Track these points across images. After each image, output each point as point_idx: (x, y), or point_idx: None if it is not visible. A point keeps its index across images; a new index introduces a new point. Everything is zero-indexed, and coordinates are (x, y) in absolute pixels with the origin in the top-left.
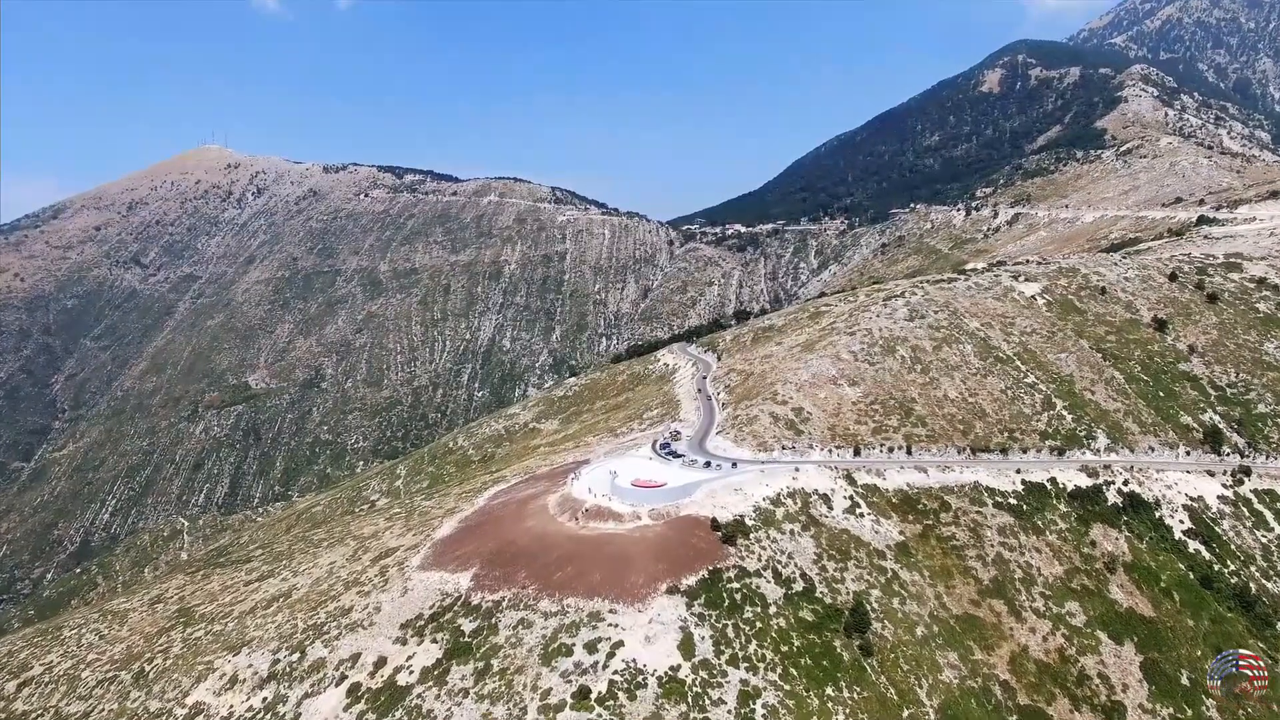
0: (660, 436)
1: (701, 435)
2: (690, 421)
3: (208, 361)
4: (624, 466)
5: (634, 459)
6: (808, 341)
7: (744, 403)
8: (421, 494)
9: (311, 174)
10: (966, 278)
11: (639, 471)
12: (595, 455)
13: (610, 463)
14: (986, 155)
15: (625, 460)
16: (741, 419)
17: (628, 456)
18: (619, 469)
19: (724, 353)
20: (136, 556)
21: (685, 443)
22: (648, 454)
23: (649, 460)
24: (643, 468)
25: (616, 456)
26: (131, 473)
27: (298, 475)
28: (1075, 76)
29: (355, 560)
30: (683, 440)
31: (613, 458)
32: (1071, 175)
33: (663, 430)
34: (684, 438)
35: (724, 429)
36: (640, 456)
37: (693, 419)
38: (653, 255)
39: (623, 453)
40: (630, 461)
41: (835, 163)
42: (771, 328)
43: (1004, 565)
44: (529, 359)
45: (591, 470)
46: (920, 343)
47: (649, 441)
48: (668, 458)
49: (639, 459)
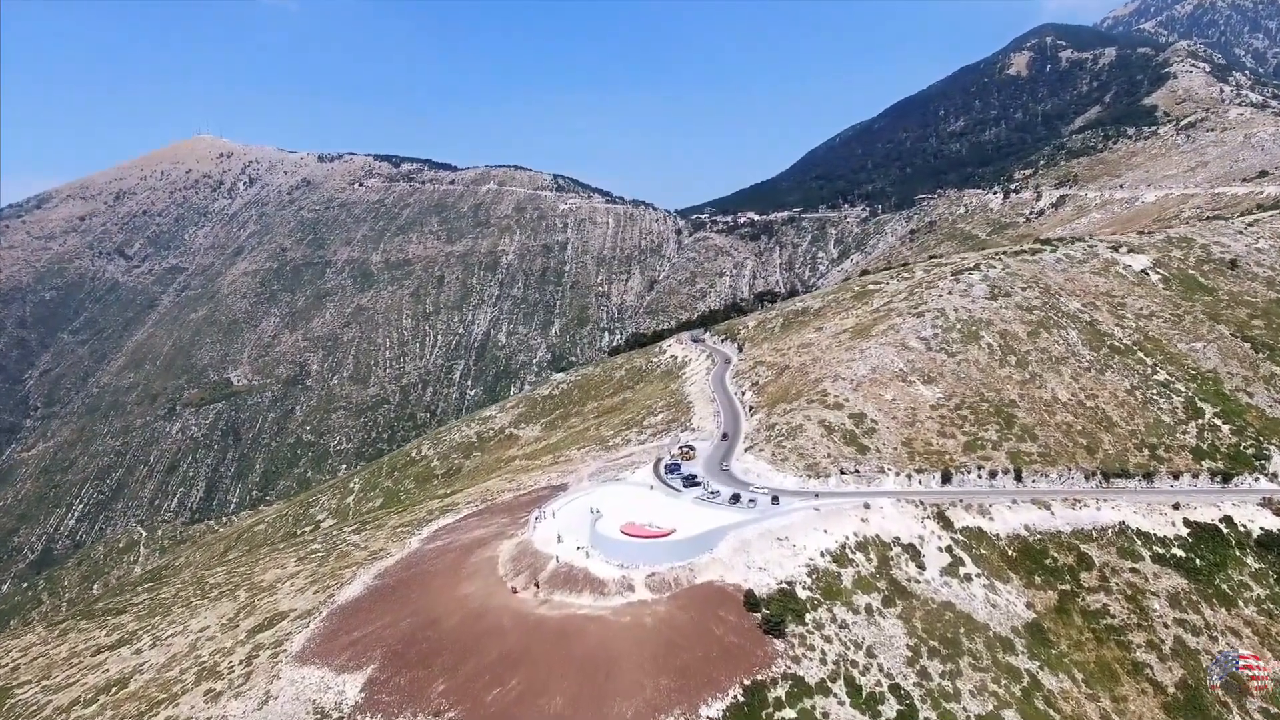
0: (667, 453)
1: (724, 452)
2: (706, 432)
3: (188, 357)
4: (612, 500)
5: (628, 488)
6: (859, 326)
7: (781, 406)
8: (356, 524)
9: (306, 163)
10: (1053, 248)
11: (634, 509)
12: (577, 478)
13: (594, 493)
14: (1018, 139)
15: (615, 490)
16: (781, 429)
17: (619, 483)
18: (605, 504)
19: (747, 341)
20: (88, 571)
21: (701, 462)
22: (648, 478)
23: (649, 490)
24: (640, 503)
25: (603, 483)
26: (102, 475)
27: (277, 479)
28: (1111, 57)
29: (231, 628)
30: (697, 459)
31: (598, 483)
32: (1124, 153)
33: (669, 444)
34: (698, 455)
35: (756, 443)
36: (637, 483)
37: (709, 427)
38: (659, 245)
39: (613, 475)
40: (622, 492)
41: (852, 151)
42: (806, 310)
43: (1192, 658)
44: (526, 355)
45: (566, 505)
46: (1010, 327)
47: (650, 460)
48: (677, 487)
49: (635, 488)
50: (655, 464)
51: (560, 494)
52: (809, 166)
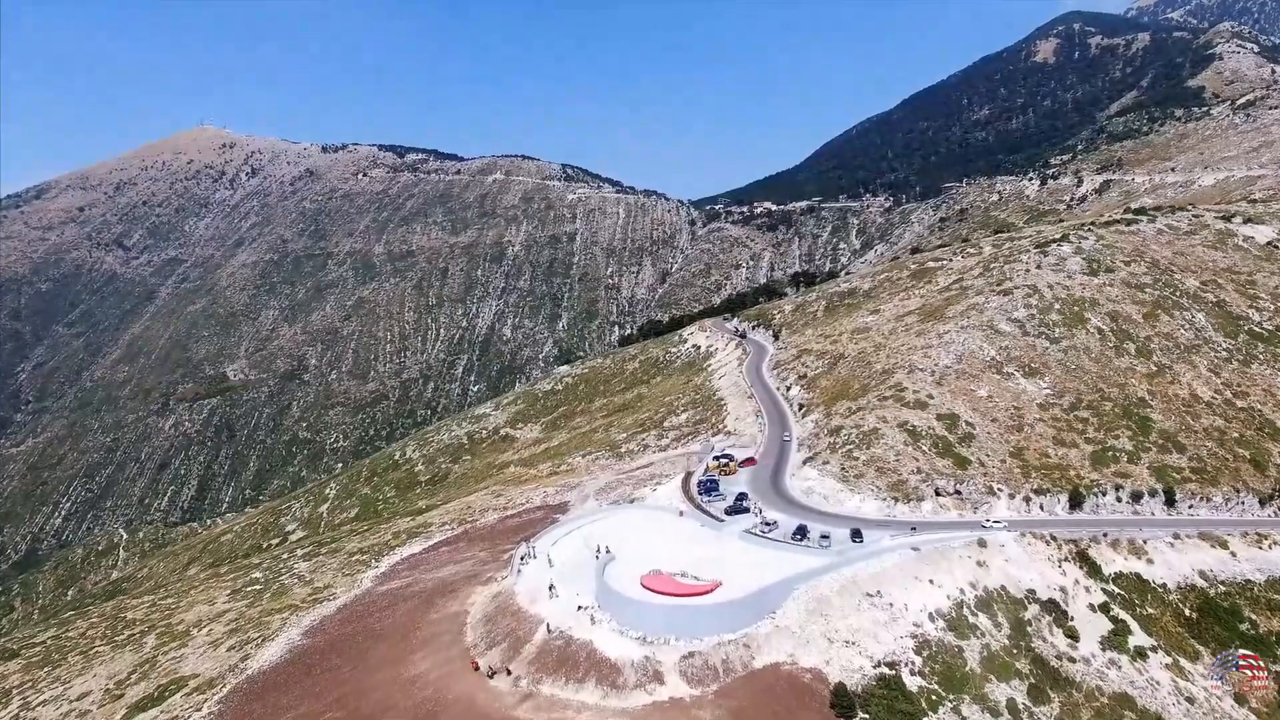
0: (698, 465)
1: (774, 464)
2: (747, 437)
3: (184, 350)
4: (628, 532)
5: (648, 514)
6: (928, 307)
7: (843, 405)
8: (313, 545)
9: (309, 154)
10: (1150, 218)
11: (658, 547)
12: (580, 495)
13: (602, 522)
14: (1048, 126)
15: (631, 517)
16: (849, 435)
17: (636, 506)
18: (617, 538)
19: (784, 328)
20: (64, 575)
21: (745, 478)
22: (674, 498)
23: (677, 517)
24: (666, 537)
25: (614, 505)
26: (91, 472)
27: (271, 478)
28: (1145, 42)
29: (114, 698)
30: (739, 473)
31: (607, 505)
32: (1173, 135)
33: (700, 452)
34: (738, 469)
35: (817, 451)
36: (661, 507)
37: (750, 431)
38: (672, 236)
39: (627, 494)
40: (641, 521)
41: (870, 142)
42: (854, 292)
43: None
44: (531, 349)
45: (564, 539)
46: (1120, 307)
47: (676, 473)
48: (717, 514)
49: (658, 514)
50: (683, 480)
51: (556, 520)
52: (825, 158)
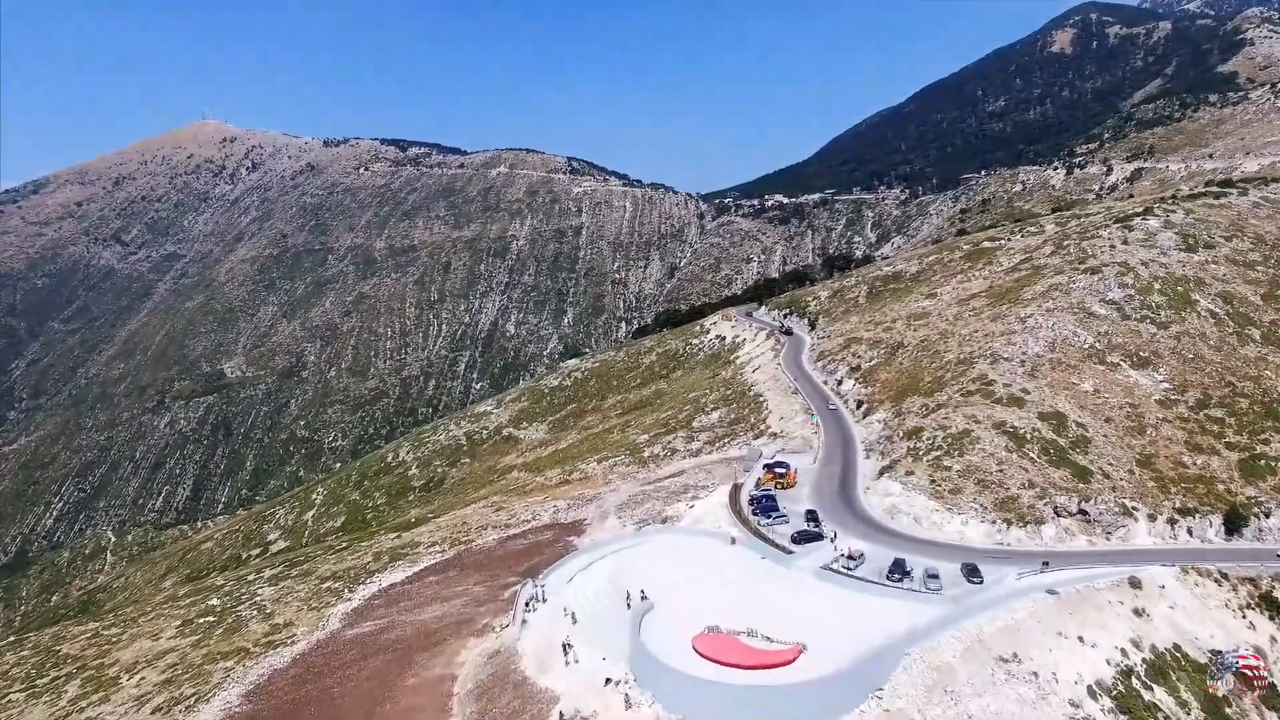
0: (747, 475)
1: (841, 473)
2: (798, 440)
3: (181, 347)
4: (664, 566)
5: (690, 541)
6: (996, 289)
7: (916, 402)
8: (283, 565)
9: (311, 148)
10: (1242, 191)
11: (708, 590)
12: (598, 511)
13: (631, 552)
14: (1068, 116)
15: (667, 545)
16: (933, 439)
17: (670, 529)
18: (652, 574)
19: (822, 315)
20: (49, 580)
21: (807, 491)
22: (720, 518)
23: (728, 544)
24: (716, 574)
25: (640, 528)
26: (84, 471)
27: (268, 477)
28: (1167, 30)
29: None
30: (800, 484)
31: (631, 526)
32: (1208, 121)
33: (747, 458)
34: (800, 478)
35: (894, 459)
36: (703, 530)
37: (800, 432)
38: (681, 230)
39: (657, 511)
40: (682, 550)
41: (882, 135)
42: (900, 275)
43: None
44: (536, 345)
45: (582, 574)
46: (1233, 288)
47: (716, 483)
48: (781, 542)
49: (701, 540)
50: (730, 494)
51: (570, 545)
52: (836, 152)
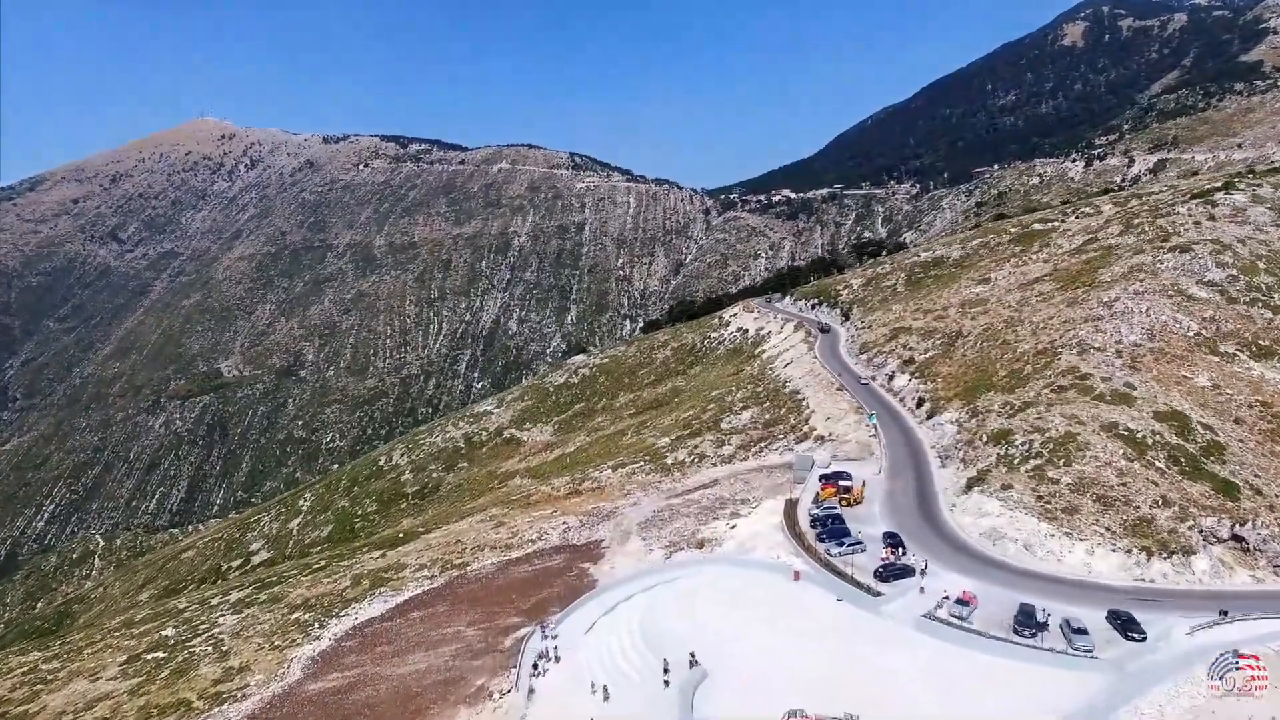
0: (800, 489)
1: (916, 486)
2: (852, 442)
3: (178, 345)
4: (708, 609)
5: (736, 570)
6: (1063, 272)
7: (992, 397)
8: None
9: (310, 145)
10: None
11: (772, 647)
12: (617, 531)
13: (663, 585)
14: (1082, 109)
15: (713, 582)
16: (1027, 443)
17: (710, 552)
18: (689, 621)
19: (856, 305)
20: (34, 586)
21: (878, 506)
22: (774, 543)
23: (791, 580)
24: (780, 622)
25: (671, 550)
26: (77, 472)
27: (264, 479)
28: (1182, 21)
29: None
30: (868, 498)
31: (660, 551)
32: (1234, 110)
33: (795, 465)
34: (867, 491)
35: (980, 467)
36: (754, 561)
37: (854, 435)
38: (686, 226)
39: (692, 533)
40: (726, 587)
41: (889, 131)
42: (940, 260)
43: None
44: (539, 344)
45: (600, 627)
46: None
47: (759, 496)
48: (865, 583)
49: (752, 571)
50: (785, 512)
51: (586, 576)
52: (842, 148)
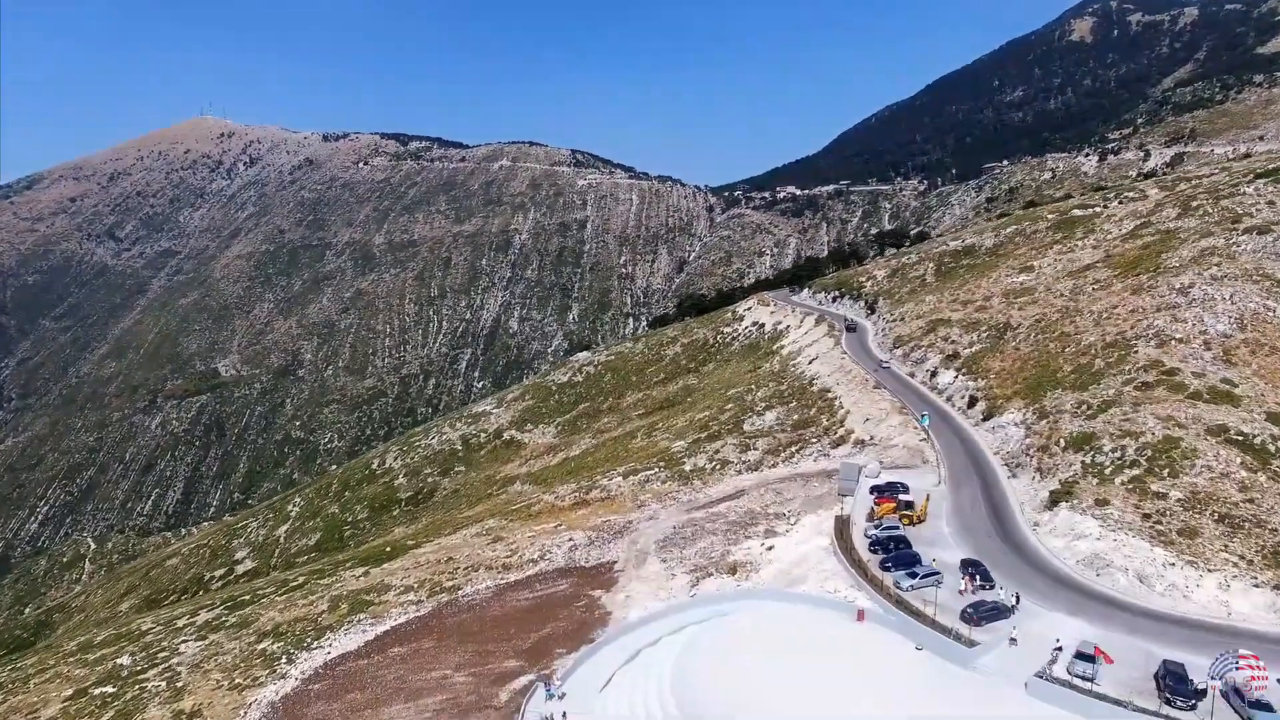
0: (850, 503)
1: (984, 499)
2: (899, 447)
3: (175, 345)
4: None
5: (781, 607)
6: (1119, 258)
7: (1062, 396)
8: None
9: (310, 143)
10: None
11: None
12: (632, 550)
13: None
14: (1091, 104)
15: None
16: (1118, 450)
17: (746, 582)
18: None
19: (882, 297)
20: (24, 590)
21: (944, 523)
22: (826, 571)
23: (853, 621)
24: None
25: (696, 575)
26: (72, 473)
27: (262, 480)
28: (1194, 15)
29: None
30: (933, 513)
31: (684, 577)
32: (1255, 102)
33: (841, 472)
34: (930, 505)
35: (1065, 480)
36: (804, 595)
37: (900, 438)
38: (689, 223)
39: (722, 555)
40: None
41: (894, 128)
42: (972, 249)
43: None
44: (540, 343)
45: (618, 682)
46: None
47: (802, 512)
48: (952, 629)
49: (801, 608)
50: (835, 532)
51: (602, 609)
52: (847, 144)
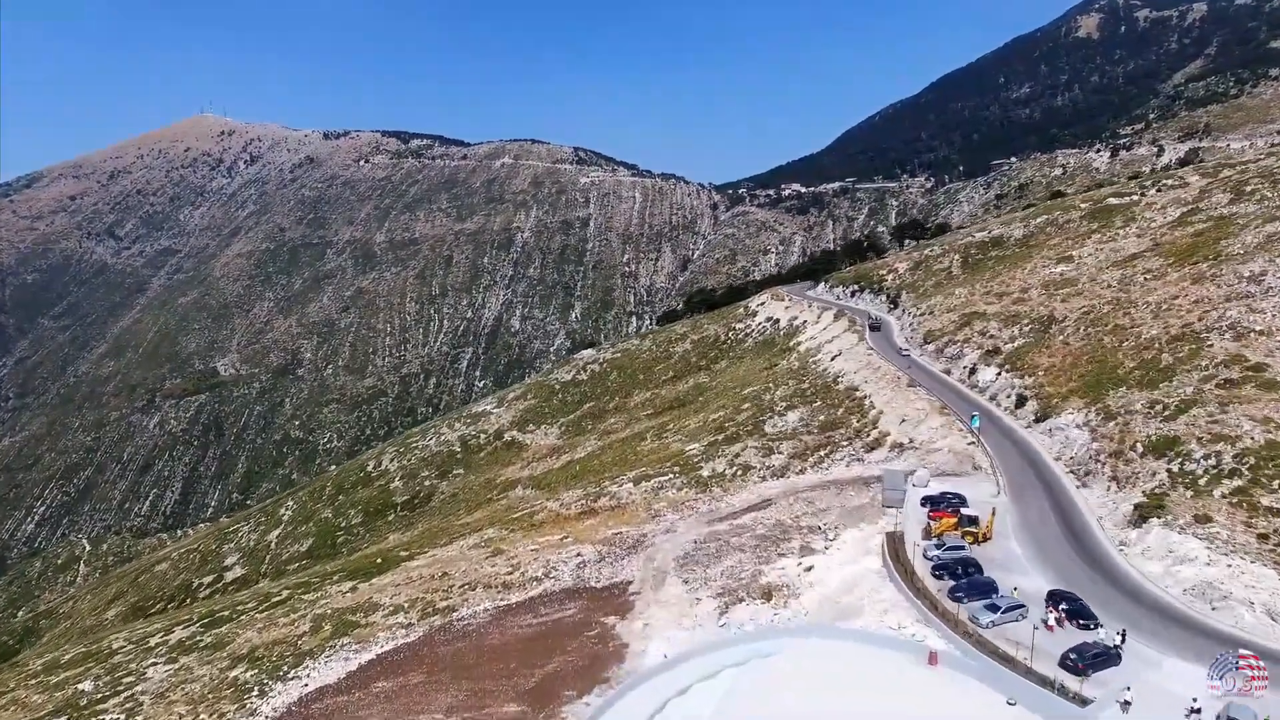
0: (899, 515)
1: (1054, 512)
2: (943, 450)
3: (174, 344)
4: None
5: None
6: (1169, 246)
7: (1129, 396)
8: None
9: (310, 141)
10: None
11: None
12: (648, 569)
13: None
14: (1100, 101)
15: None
16: (1211, 456)
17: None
18: None
19: (905, 290)
20: (17, 592)
21: (1024, 550)
22: (881, 600)
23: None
24: None
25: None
26: (69, 473)
27: (260, 480)
28: (1203, 11)
29: None
30: (1000, 529)
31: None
32: (1272, 96)
33: (885, 480)
34: (995, 519)
35: (1151, 492)
36: (857, 631)
37: (944, 441)
38: (693, 221)
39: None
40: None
41: (898, 125)
42: (1001, 240)
43: None
44: (542, 342)
45: None
46: None
47: (841, 525)
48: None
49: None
50: (887, 552)
51: (618, 641)
52: (851, 142)
